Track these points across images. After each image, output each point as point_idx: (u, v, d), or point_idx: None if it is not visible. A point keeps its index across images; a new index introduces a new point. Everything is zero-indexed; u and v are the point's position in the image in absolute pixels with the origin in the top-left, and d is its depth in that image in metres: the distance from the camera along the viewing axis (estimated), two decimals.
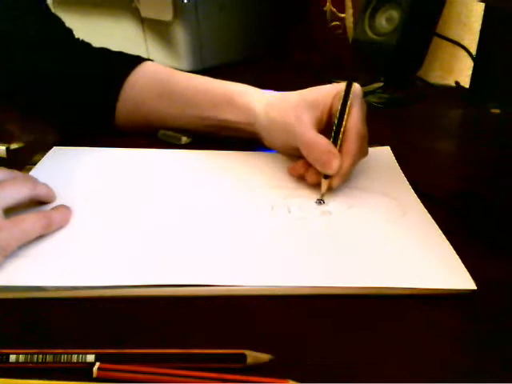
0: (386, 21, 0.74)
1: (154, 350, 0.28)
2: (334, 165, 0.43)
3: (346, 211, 0.42)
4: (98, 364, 0.27)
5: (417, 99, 0.75)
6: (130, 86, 0.57)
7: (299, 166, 0.47)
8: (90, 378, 0.27)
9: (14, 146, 0.55)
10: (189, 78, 0.57)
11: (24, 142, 0.57)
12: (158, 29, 0.90)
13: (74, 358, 0.28)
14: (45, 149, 0.54)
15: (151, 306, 0.33)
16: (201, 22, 0.87)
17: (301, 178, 0.47)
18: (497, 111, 0.69)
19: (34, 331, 0.31)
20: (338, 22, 0.92)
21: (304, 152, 0.45)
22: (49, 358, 0.28)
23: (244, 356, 0.28)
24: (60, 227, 0.39)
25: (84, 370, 0.27)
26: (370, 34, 0.75)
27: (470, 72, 0.75)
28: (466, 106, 0.73)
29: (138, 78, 0.57)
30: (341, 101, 0.45)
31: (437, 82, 0.82)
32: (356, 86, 0.46)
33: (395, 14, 0.72)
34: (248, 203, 0.44)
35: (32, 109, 0.61)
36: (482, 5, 0.71)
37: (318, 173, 0.44)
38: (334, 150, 0.43)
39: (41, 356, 0.28)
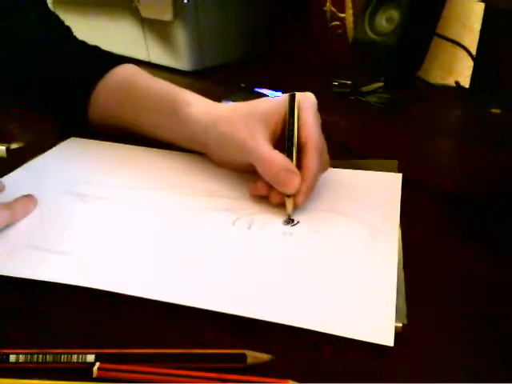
0: (386, 21, 0.74)
1: (154, 350, 0.28)
2: (294, 184, 0.40)
3: (308, 235, 0.40)
4: (97, 364, 0.27)
5: (417, 99, 0.75)
6: (99, 90, 0.57)
7: (261, 186, 0.43)
8: (90, 378, 0.27)
9: (14, 145, 0.55)
10: (149, 84, 0.55)
11: (24, 141, 0.57)
12: (158, 29, 0.90)
13: (74, 357, 0.28)
14: (45, 149, 0.55)
15: (151, 306, 0.33)
16: (201, 22, 0.87)
17: (263, 198, 0.43)
18: (497, 111, 0.69)
19: (34, 331, 0.31)
20: (337, 22, 0.92)
21: (260, 170, 0.42)
22: (49, 357, 0.28)
23: (244, 356, 0.28)
24: (23, 217, 0.41)
25: (84, 370, 0.27)
26: (370, 33, 0.75)
27: (470, 72, 0.75)
28: (466, 106, 0.73)
29: (107, 82, 0.57)
30: (287, 116, 0.43)
31: (437, 82, 0.82)
32: (309, 96, 0.44)
33: (395, 13, 0.72)
34: (212, 216, 0.42)
35: (13, 98, 0.62)
36: (482, 5, 0.72)
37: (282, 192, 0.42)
38: (292, 168, 0.41)
39: (41, 356, 0.28)
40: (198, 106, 0.50)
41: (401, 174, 0.48)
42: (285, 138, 0.43)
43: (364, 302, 0.33)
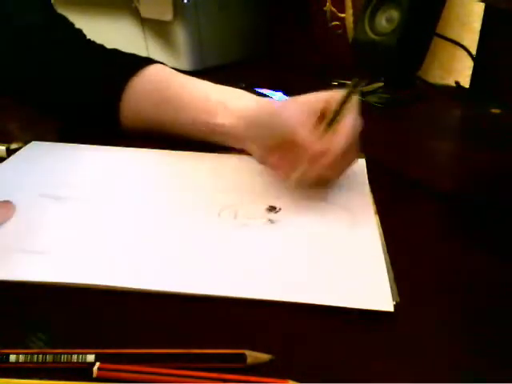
0: (386, 21, 0.74)
1: (154, 350, 0.28)
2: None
3: (292, 221, 0.42)
4: (97, 364, 0.27)
5: (417, 99, 0.75)
6: (130, 91, 0.57)
7: (277, 158, 0.46)
8: (90, 378, 0.27)
9: (14, 145, 0.55)
10: (185, 82, 0.56)
11: (24, 141, 0.57)
12: (158, 29, 0.90)
13: (74, 357, 0.28)
14: None
15: (151, 306, 0.33)
16: (201, 21, 0.87)
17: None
18: (497, 111, 0.69)
19: (34, 331, 0.31)
20: (337, 22, 0.92)
21: (299, 149, 0.43)
22: (49, 357, 0.28)
23: (244, 356, 0.28)
24: (3, 222, 0.41)
25: (84, 370, 0.27)
26: (370, 33, 0.75)
27: (470, 72, 0.75)
28: (466, 106, 0.73)
29: (139, 83, 0.57)
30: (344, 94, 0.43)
31: (437, 82, 0.82)
32: (353, 97, 0.44)
33: (395, 13, 0.72)
34: (197, 208, 0.44)
35: (36, 107, 0.61)
36: (482, 5, 0.71)
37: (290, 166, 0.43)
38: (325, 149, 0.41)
39: (41, 356, 0.28)
40: (241, 101, 0.51)
41: (364, 159, 0.52)
42: (331, 117, 0.43)
43: (358, 275, 0.35)
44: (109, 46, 0.61)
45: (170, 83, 0.57)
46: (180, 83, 0.56)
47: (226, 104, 0.52)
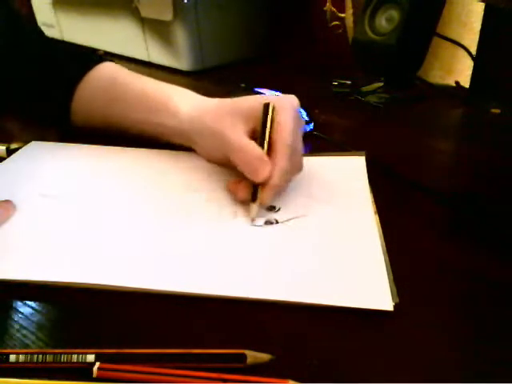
0: (386, 21, 0.74)
1: (154, 350, 0.28)
2: (264, 171, 0.40)
3: (291, 221, 0.42)
4: (97, 364, 0.27)
5: (417, 99, 0.75)
6: (80, 91, 0.57)
7: (231, 183, 0.45)
8: (90, 378, 0.27)
9: (14, 145, 0.55)
10: (132, 81, 0.56)
11: (24, 141, 0.57)
12: (158, 29, 0.90)
13: (74, 357, 0.28)
14: None
15: (151, 306, 0.33)
16: (201, 22, 0.87)
17: (233, 194, 0.45)
18: (497, 111, 0.69)
19: (34, 331, 0.31)
20: (337, 22, 0.92)
21: (235, 158, 0.42)
22: (49, 357, 0.28)
23: (244, 356, 0.28)
24: (5, 221, 0.41)
25: (84, 370, 0.27)
26: (370, 33, 0.75)
27: (470, 72, 0.75)
28: (466, 106, 0.73)
29: (88, 82, 0.57)
30: (260, 121, 0.42)
31: (437, 81, 0.82)
32: (290, 99, 0.44)
33: (395, 14, 0.72)
34: (196, 208, 0.44)
35: None
36: (482, 5, 0.71)
37: (248, 188, 0.42)
38: (265, 157, 0.41)
39: (41, 356, 0.28)
40: (185, 100, 0.51)
41: (364, 157, 0.52)
42: (259, 137, 0.43)
43: (357, 274, 0.35)
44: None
45: (116, 82, 0.56)
46: (129, 81, 0.56)
47: (167, 103, 0.51)
